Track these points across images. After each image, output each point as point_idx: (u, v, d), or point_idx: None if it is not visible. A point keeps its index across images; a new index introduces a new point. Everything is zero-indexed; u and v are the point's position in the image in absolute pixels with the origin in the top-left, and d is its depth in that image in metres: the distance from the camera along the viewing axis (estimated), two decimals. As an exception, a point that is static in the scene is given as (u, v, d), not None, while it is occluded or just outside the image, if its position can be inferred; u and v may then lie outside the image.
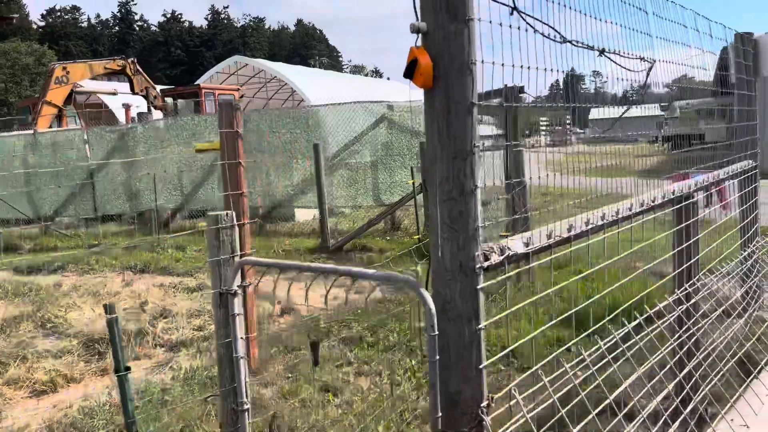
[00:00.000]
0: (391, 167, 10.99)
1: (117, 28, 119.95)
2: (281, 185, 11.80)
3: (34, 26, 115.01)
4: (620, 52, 3.35)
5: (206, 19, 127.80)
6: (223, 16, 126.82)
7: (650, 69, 3.77)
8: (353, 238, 9.00)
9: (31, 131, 13.71)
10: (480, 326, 1.78)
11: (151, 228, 12.41)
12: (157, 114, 17.67)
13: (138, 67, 19.56)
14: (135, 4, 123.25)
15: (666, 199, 3.54)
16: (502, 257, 1.88)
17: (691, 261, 3.77)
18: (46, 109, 17.70)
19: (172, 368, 4.57)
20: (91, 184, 12.85)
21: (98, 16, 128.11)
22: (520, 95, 8.74)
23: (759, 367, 4.52)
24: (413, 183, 8.31)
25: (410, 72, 1.72)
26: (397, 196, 10.64)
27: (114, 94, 19.49)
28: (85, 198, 12.97)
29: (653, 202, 3.50)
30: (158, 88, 19.58)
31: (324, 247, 9.28)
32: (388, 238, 9.72)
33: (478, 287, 1.76)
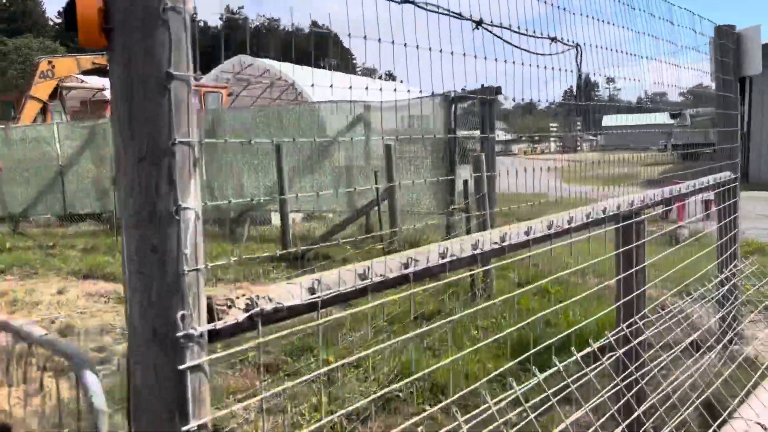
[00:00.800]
0: (367, 171, 10.38)
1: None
2: (253, 187, 11.22)
3: (50, 23, 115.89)
4: (521, 30, 2.73)
5: (221, 18, 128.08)
6: (237, 16, 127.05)
7: (579, 56, 3.14)
8: (315, 246, 8.39)
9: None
10: (189, 427, 1.15)
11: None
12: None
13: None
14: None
15: (598, 216, 2.89)
16: (244, 315, 1.26)
17: (636, 292, 3.12)
18: (31, 103, 17.28)
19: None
20: (60, 182, 12.36)
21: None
22: (496, 96, 8.03)
23: (727, 411, 3.85)
24: (377, 189, 7.69)
25: (71, 23, 1.10)
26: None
27: (102, 89, 19.03)
28: (54, 196, 12.48)
29: (587, 218, 2.87)
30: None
31: (285, 256, 8.68)
32: (358, 248, 9.10)
33: (183, 367, 1.14)
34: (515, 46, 2.67)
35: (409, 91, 2.36)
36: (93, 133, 12.24)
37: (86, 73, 18.97)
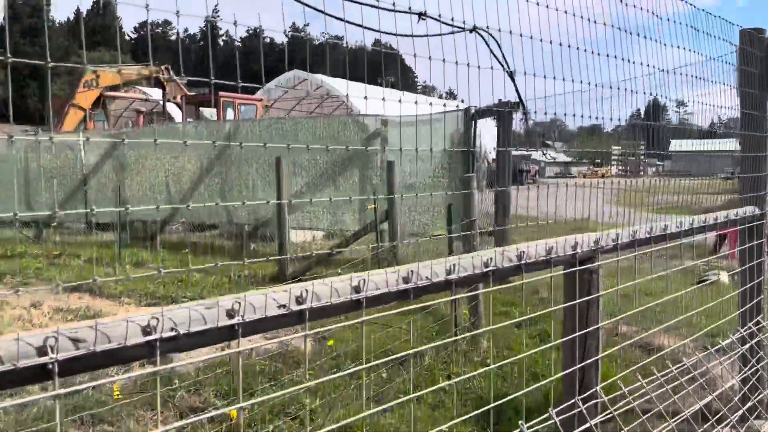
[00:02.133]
0: (382, 188, 9.78)
1: (202, 42, 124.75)
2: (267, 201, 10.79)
3: (127, 38, 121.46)
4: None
5: (286, 36, 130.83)
6: (302, 34, 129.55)
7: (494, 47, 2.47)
8: (309, 269, 7.84)
9: (33, 134, 13.39)
10: None
11: (132, 239, 11.71)
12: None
13: (172, 74, 19.25)
14: (220, 20, 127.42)
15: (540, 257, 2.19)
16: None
17: (587, 361, 2.38)
18: (73, 111, 17.59)
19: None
20: (83, 190, 12.32)
21: (186, 30, 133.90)
22: (514, 110, 7.29)
23: None
24: (374, 208, 7.06)
25: None
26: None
27: (146, 100, 19.25)
28: (78, 204, 12.45)
29: (547, 254, 2.18)
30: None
31: (284, 276, 8.17)
32: (356, 269, 8.51)
33: None
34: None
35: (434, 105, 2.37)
36: (116, 142, 12.15)
37: (135, 83, 19.16)
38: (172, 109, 19.08)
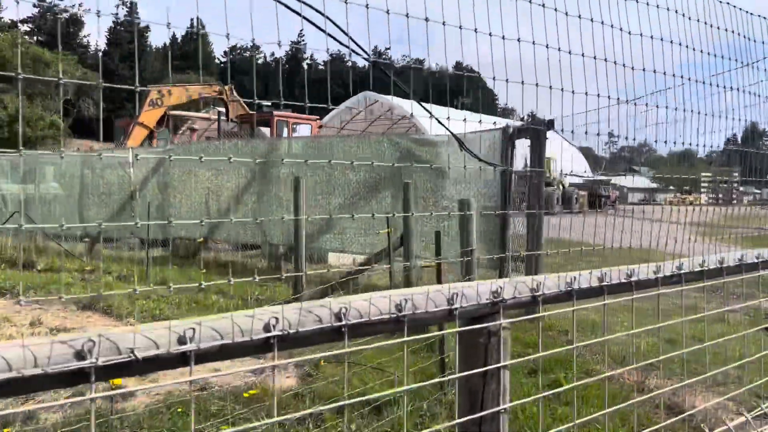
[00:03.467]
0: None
1: (287, 66, 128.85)
2: (304, 221, 10.46)
3: (216, 62, 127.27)
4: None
5: (366, 60, 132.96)
6: (384, 57, 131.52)
7: None
8: (326, 294, 7.37)
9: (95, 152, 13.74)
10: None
11: (175, 257, 11.69)
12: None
13: (235, 94, 19.56)
14: (305, 44, 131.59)
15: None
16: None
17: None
18: (138, 129, 18.12)
19: None
20: (131, 207, 12.48)
21: (273, 54, 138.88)
22: (547, 129, 6.62)
23: None
24: (388, 233, 6.51)
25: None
26: (421, 244, 8.87)
27: (208, 119, 19.62)
28: (126, 220, 12.62)
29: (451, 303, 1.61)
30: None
31: (296, 300, 7.75)
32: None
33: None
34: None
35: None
36: (161, 160, 12.25)
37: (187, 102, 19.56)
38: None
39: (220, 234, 11.59)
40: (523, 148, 8.91)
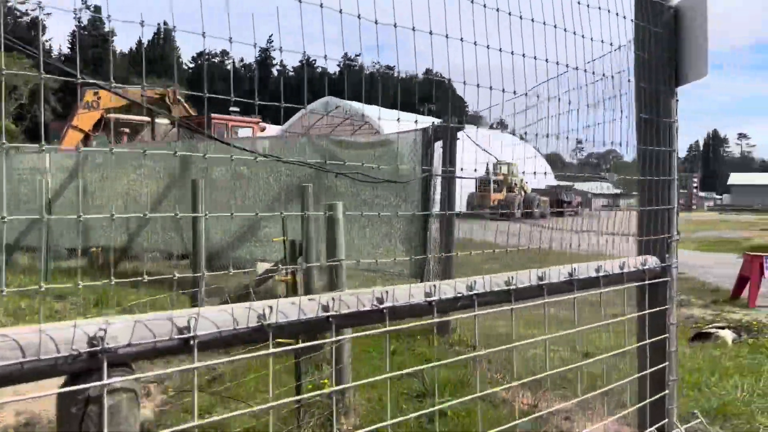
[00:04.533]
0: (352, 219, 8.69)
1: (256, 72, 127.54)
2: (222, 229, 9.87)
3: (185, 67, 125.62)
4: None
5: (338, 66, 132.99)
6: (354, 64, 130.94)
7: None
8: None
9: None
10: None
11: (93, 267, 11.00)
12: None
13: (179, 97, 18.84)
14: (274, 50, 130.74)
15: None
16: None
17: None
18: (72, 133, 17.28)
19: None
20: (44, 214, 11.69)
21: (242, 60, 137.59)
22: (459, 130, 6.12)
23: None
24: (284, 240, 5.95)
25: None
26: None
27: (149, 122, 18.85)
28: (41, 229, 11.84)
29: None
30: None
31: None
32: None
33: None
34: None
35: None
36: (82, 163, 11.54)
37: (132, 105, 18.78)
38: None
39: (142, 243, 10.90)
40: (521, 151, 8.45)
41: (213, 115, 15.78)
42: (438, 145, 7.91)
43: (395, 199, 8.19)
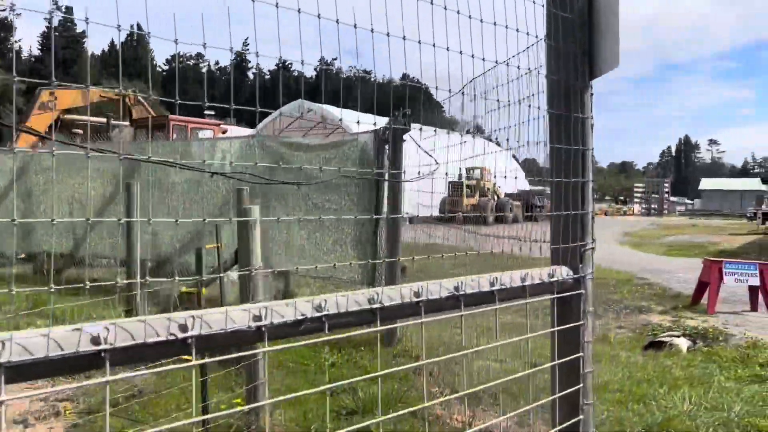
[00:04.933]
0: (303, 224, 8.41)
1: (232, 75, 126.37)
2: (169, 234, 9.50)
3: (159, 69, 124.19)
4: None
5: (315, 70, 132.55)
6: (330, 68, 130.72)
7: None
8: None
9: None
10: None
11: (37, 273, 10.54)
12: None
13: (140, 98, 18.38)
14: (249, 53, 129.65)
15: None
16: None
17: None
18: (25, 135, 16.70)
19: None
20: (-8, 218, 11.20)
21: (217, 63, 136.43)
22: (406, 130, 5.84)
23: None
24: (217, 248, 5.61)
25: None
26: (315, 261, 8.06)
27: (106, 123, 18.31)
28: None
29: None
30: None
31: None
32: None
33: None
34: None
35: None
36: (25, 164, 11.07)
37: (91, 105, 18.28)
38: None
39: (88, 248, 10.46)
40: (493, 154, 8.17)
41: (171, 116, 15.38)
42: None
43: (346, 202, 7.92)
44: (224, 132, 16.46)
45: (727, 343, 7.12)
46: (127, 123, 18.50)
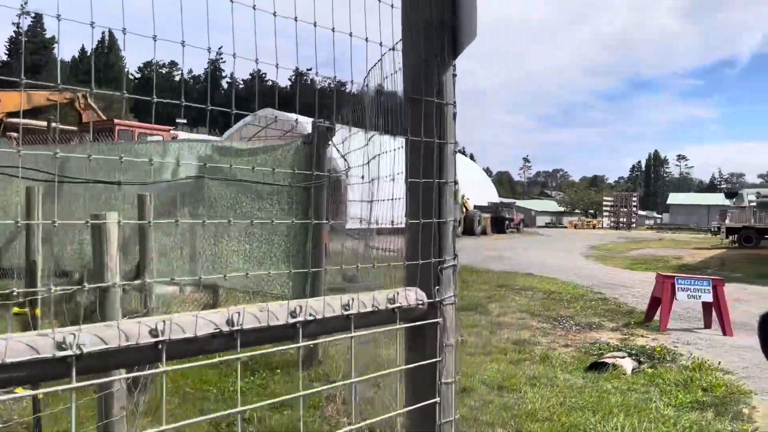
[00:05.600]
0: (216, 232, 7.87)
1: (205, 84, 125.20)
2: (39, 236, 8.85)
3: (131, 77, 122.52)
4: None
5: (290, 80, 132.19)
6: (305, 78, 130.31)
7: None
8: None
9: None
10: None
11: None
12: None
13: (90, 102, 17.67)
14: (224, 62, 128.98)
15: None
16: None
17: None
18: (-36, 138, 15.87)
19: None
20: None
21: (191, 71, 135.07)
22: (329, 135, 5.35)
23: None
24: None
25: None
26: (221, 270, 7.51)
27: (46, 127, 17.56)
28: None
29: None
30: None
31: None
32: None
33: None
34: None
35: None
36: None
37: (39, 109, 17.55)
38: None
39: (10, 259, 9.77)
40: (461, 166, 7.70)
41: (117, 120, 14.75)
42: (330, 151, 7.18)
43: (278, 211, 7.40)
44: (174, 138, 15.85)
45: (675, 363, 6.74)
46: (71, 126, 17.78)
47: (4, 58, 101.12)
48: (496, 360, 6.62)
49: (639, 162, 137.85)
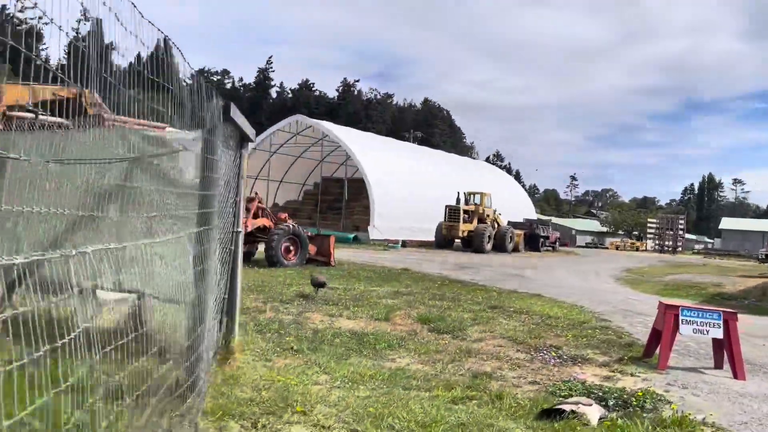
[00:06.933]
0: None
1: (255, 92, 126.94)
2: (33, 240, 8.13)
3: (184, 84, 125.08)
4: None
5: (337, 90, 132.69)
6: (353, 89, 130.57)
7: None
8: None
9: None
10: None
11: None
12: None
13: (98, 99, 17.26)
14: (273, 71, 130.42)
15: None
16: None
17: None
18: (-38, 130, 15.63)
19: None
20: None
21: (241, 79, 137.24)
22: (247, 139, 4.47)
23: None
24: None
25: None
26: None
27: (35, 118, 17.21)
28: None
29: None
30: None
31: None
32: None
33: None
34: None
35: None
36: None
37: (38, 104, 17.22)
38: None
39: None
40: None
41: (107, 115, 14.28)
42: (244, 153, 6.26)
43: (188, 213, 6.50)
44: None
45: (655, 413, 5.49)
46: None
47: (64, 62, 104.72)
48: (434, 398, 5.50)
49: (692, 185, 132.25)
